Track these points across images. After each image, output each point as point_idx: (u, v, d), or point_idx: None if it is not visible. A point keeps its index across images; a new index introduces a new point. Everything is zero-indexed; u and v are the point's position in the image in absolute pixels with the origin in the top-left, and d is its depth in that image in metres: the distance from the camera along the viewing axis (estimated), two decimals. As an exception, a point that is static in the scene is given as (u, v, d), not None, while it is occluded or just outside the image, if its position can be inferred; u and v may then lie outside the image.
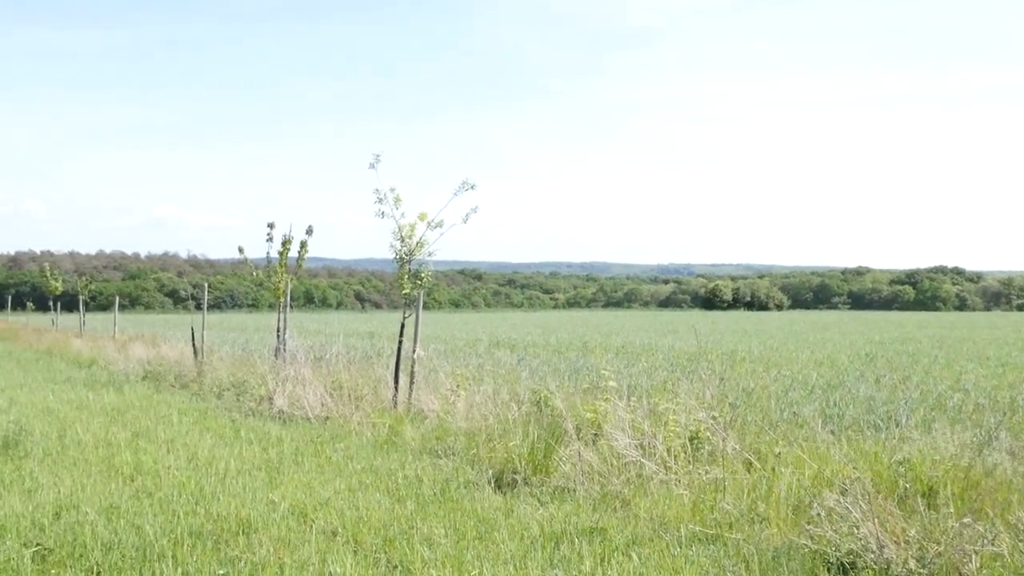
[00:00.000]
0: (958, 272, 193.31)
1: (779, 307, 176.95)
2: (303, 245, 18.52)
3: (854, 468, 7.34)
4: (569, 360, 22.21)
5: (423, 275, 13.71)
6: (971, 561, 5.74)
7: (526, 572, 6.10)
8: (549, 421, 9.88)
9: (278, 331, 18.08)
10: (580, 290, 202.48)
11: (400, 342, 13.95)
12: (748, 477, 8.11)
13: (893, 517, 6.21)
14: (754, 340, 37.17)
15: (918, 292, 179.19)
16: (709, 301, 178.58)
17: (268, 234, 18.19)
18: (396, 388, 13.56)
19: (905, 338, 39.96)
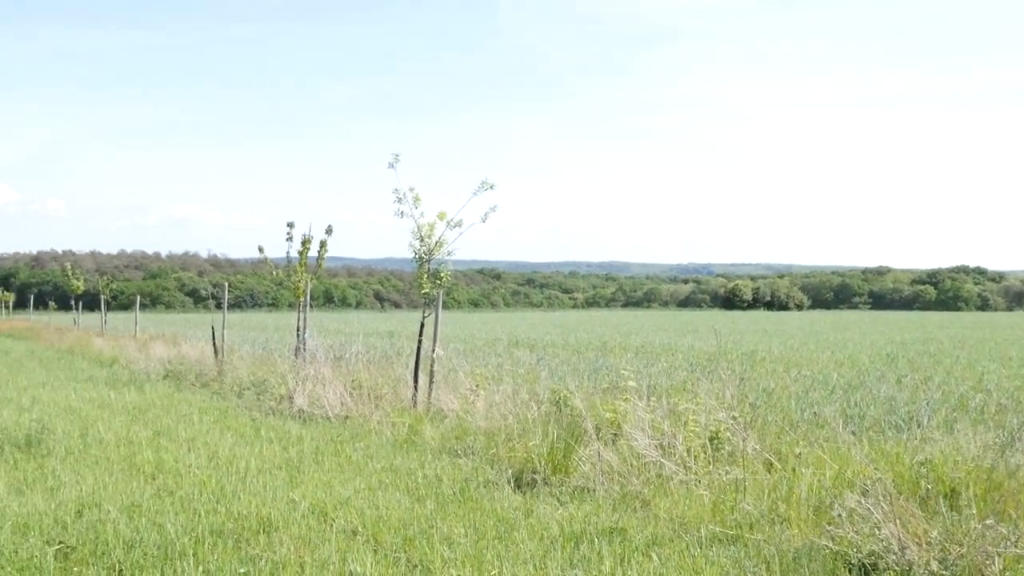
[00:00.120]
0: (980, 272, 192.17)
1: (799, 307, 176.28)
2: (323, 244, 18.57)
3: (875, 469, 7.30)
4: (588, 360, 22.19)
5: (442, 274, 13.72)
6: (994, 563, 5.70)
7: (546, 572, 6.09)
8: (568, 421, 9.86)
9: (298, 330, 18.14)
10: (599, 290, 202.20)
11: (420, 341, 13.97)
12: (768, 478, 8.08)
13: (915, 518, 6.18)
14: (774, 340, 37.05)
15: (939, 292, 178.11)
16: (729, 301, 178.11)
17: (288, 233, 18.26)
18: (416, 387, 13.58)
19: (926, 338, 39.75)
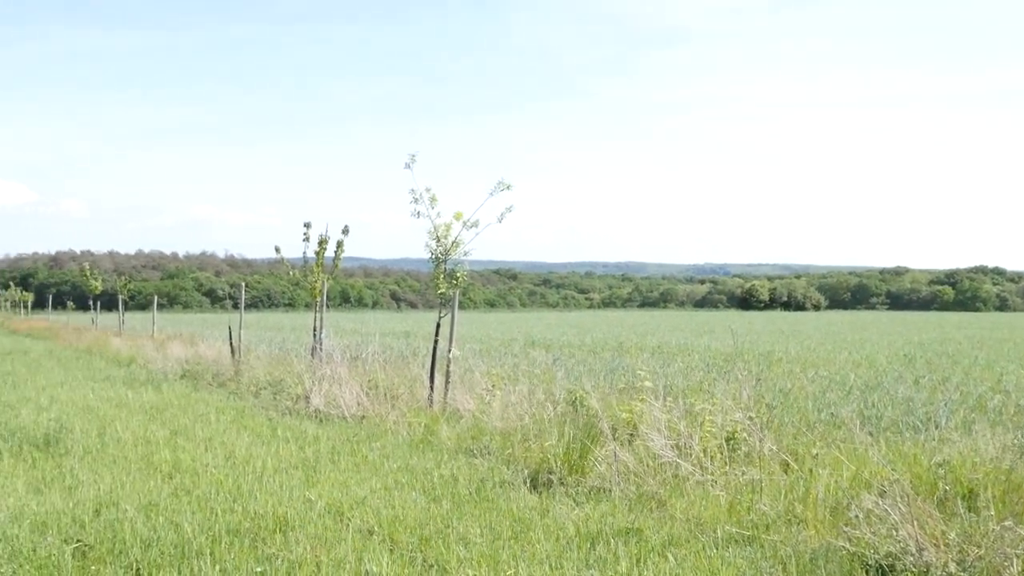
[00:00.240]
0: (998, 272, 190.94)
1: (816, 307, 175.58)
2: (339, 245, 18.61)
3: (893, 470, 7.28)
4: (604, 360, 22.17)
5: (459, 275, 13.73)
6: (1012, 565, 5.67)
7: (562, 572, 6.09)
8: (584, 421, 9.86)
9: (314, 330, 18.18)
10: (615, 290, 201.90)
11: (436, 341, 13.98)
12: (785, 478, 8.07)
13: (933, 520, 6.15)
14: (791, 340, 36.94)
15: (958, 292, 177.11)
16: (745, 301, 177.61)
17: (305, 234, 18.31)
18: (432, 387, 13.59)
19: (944, 339, 39.55)
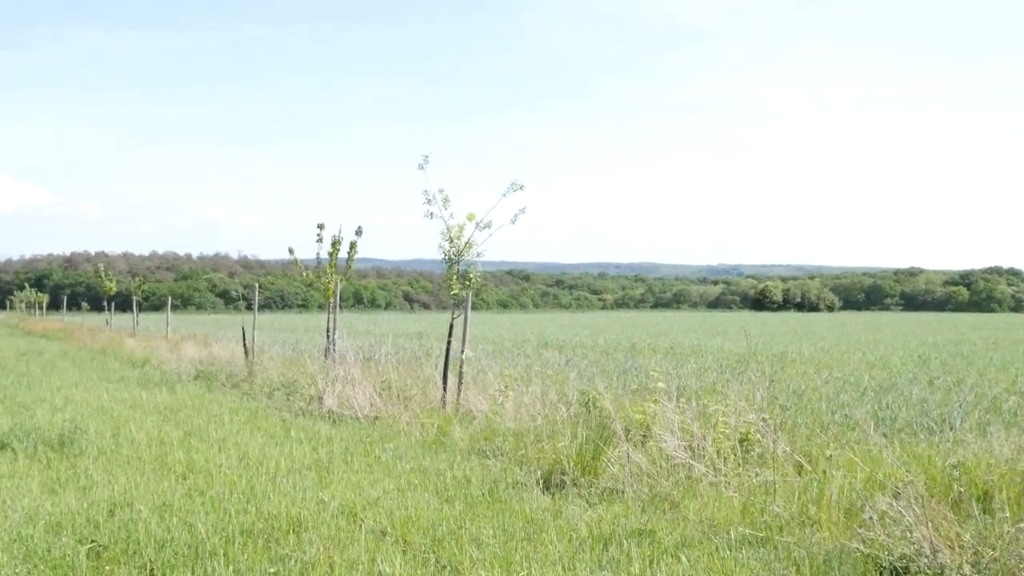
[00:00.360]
0: (1014, 273, 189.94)
1: (830, 308, 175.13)
2: (352, 246, 18.63)
3: (907, 471, 7.25)
4: (617, 361, 22.15)
5: (471, 276, 13.73)
6: (1028, 567, 5.64)
7: (574, 573, 6.09)
8: (597, 422, 9.85)
9: (328, 331, 18.21)
10: (628, 291, 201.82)
11: (449, 342, 13.98)
12: (799, 480, 8.04)
13: (947, 521, 6.12)
14: (805, 341, 36.82)
15: (972, 293, 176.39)
16: (759, 302, 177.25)
17: (318, 235, 18.34)
18: (445, 388, 13.60)
19: (959, 340, 39.36)
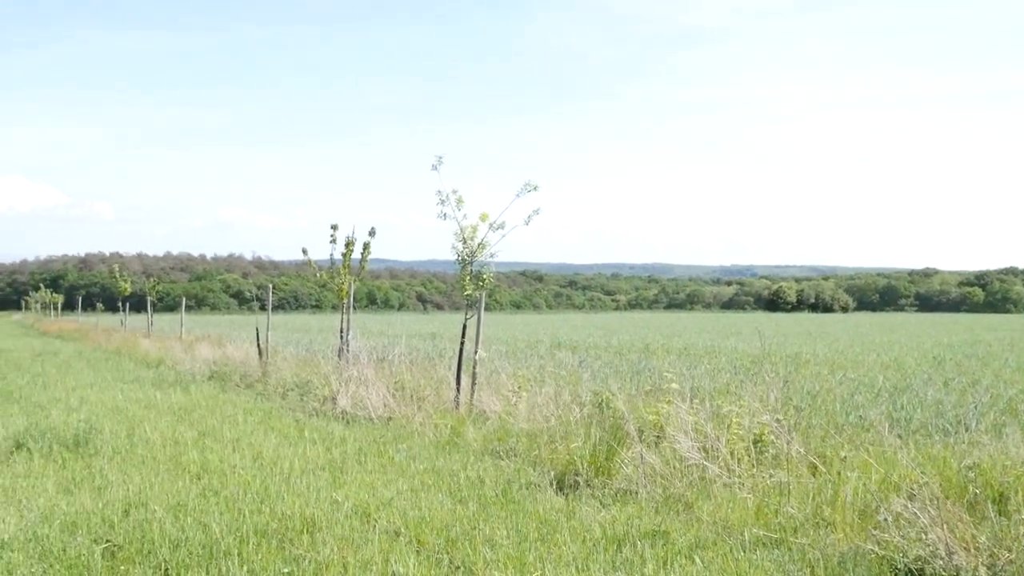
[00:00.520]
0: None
1: (844, 309, 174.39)
2: (366, 247, 18.64)
3: (922, 473, 7.23)
4: (631, 362, 22.12)
5: (485, 276, 13.72)
6: (1044, 569, 5.61)
7: (588, 574, 6.08)
8: (611, 423, 9.84)
9: (341, 332, 18.23)
10: (642, 291, 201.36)
11: (462, 343, 13.99)
12: (813, 481, 8.02)
13: (962, 523, 6.10)
14: (819, 342, 36.71)
15: (987, 294, 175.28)
16: (772, 303, 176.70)
17: (331, 236, 18.35)
18: (458, 389, 13.60)
19: (974, 341, 39.16)
